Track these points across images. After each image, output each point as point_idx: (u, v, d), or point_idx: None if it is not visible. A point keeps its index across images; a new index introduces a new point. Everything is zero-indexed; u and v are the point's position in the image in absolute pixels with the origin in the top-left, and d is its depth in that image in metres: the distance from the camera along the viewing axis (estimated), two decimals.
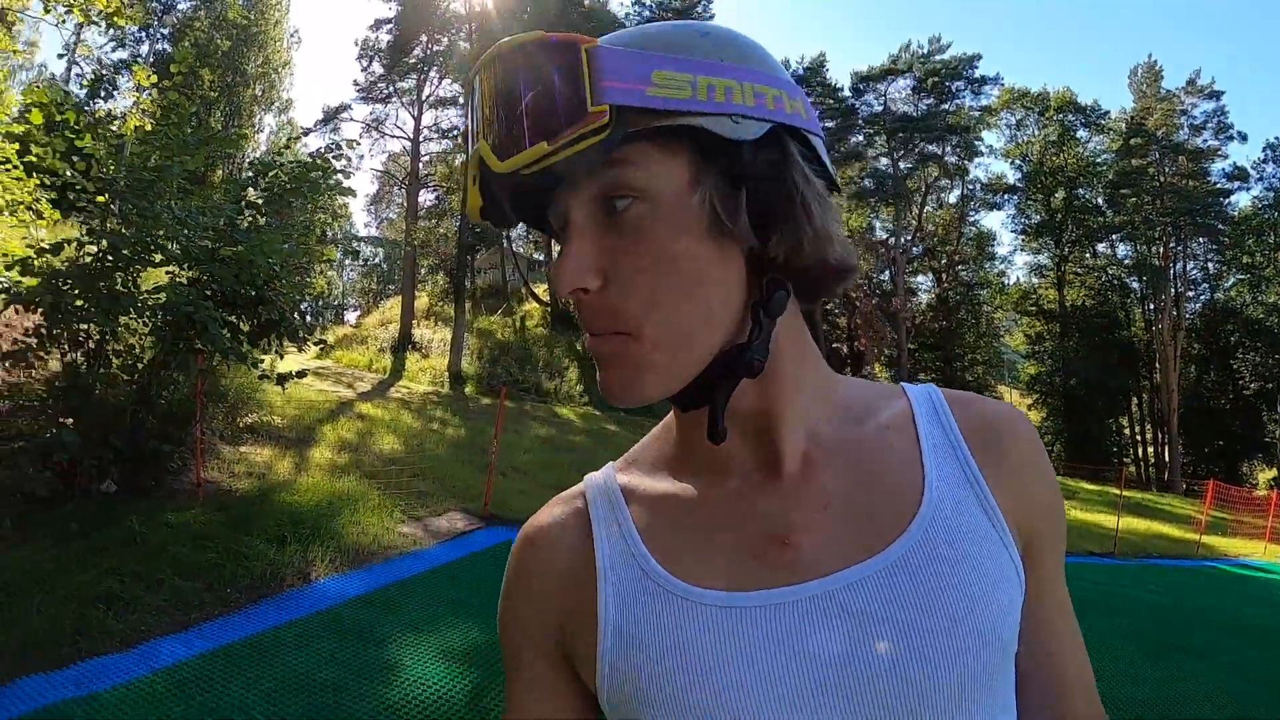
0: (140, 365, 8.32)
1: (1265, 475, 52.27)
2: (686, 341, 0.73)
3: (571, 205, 0.73)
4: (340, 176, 9.98)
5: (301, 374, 9.71)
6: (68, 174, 8.19)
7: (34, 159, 8.95)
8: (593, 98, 0.66)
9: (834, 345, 45.05)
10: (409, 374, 26.33)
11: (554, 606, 0.85)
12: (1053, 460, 32.46)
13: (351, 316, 64.92)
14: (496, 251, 39.60)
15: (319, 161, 9.60)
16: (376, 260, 66.11)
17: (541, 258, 43.16)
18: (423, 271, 37.56)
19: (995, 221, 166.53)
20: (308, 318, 9.20)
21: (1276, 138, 50.45)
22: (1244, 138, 58.21)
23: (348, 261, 66.49)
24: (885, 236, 46.09)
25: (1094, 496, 27.00)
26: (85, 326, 7.87)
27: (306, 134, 28.56)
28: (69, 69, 40.07)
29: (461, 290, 30.11)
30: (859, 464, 0.81)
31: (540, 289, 40.42)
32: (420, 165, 35.42)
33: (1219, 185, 47.28)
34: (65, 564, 5.77)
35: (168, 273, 8.21)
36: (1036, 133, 50.88)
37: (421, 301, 35.88)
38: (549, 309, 37.80)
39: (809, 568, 0.75)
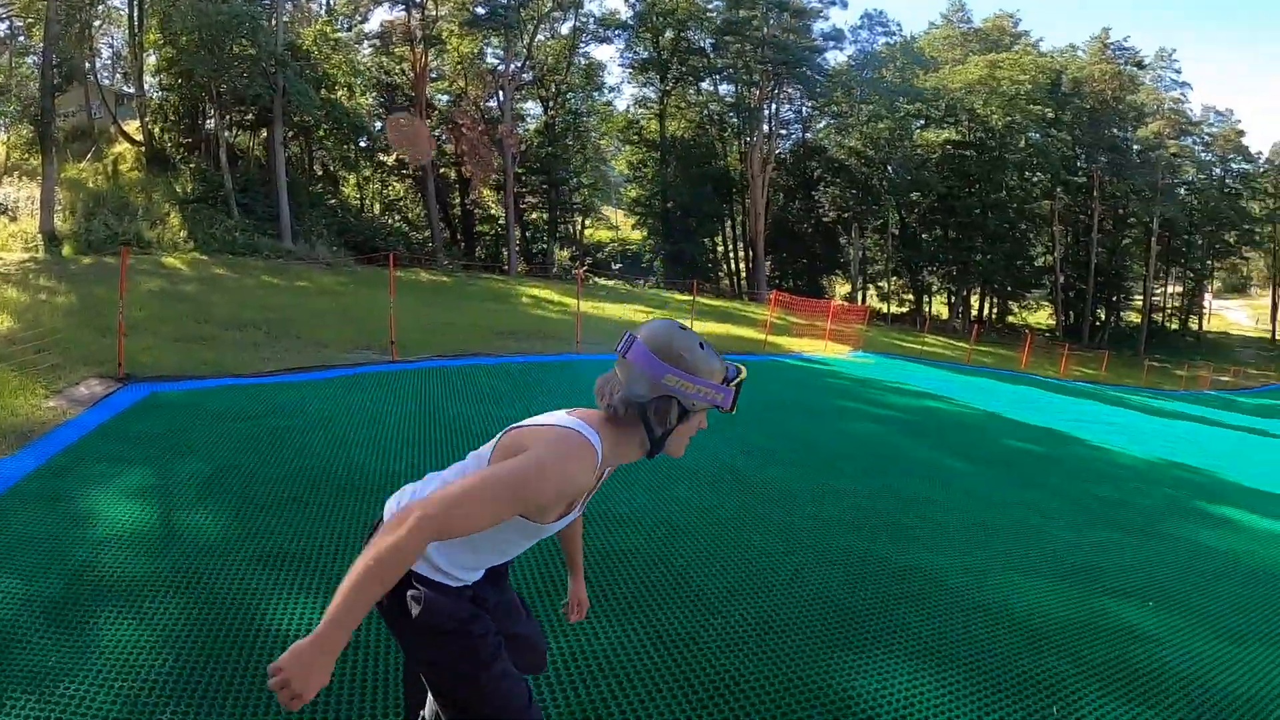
0: None
1: (842, 289, 63.31)
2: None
3: None
4: None
5: None
6: None
7: None
8: None
9: (441, 170, 48.18)
10: None
11: (576, 492, 2.15)
12: (653, 275, 45.17)
13: None
14: (80, 88, 37.67)
15: None
16: None
17: (131, 90, 41.12)
18: None
19: (605, 54, 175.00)
20: None
21: (874, 9, 59.15)
22: (844, 4, 67.85)
23: None
24: (495, 64, 48.43)
25: (684, 305, 32.10)
26: None
27: None
28: None
29: (49, 139, 28.24)
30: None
31: (132, 126, 38.64)
32: None
33: (817, 42, 55.61)
34: None
35: None
36: None
37: None
38: (143, 149, 36.67)
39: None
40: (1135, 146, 64.98)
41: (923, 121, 60.73)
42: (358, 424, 8.56)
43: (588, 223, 62.12)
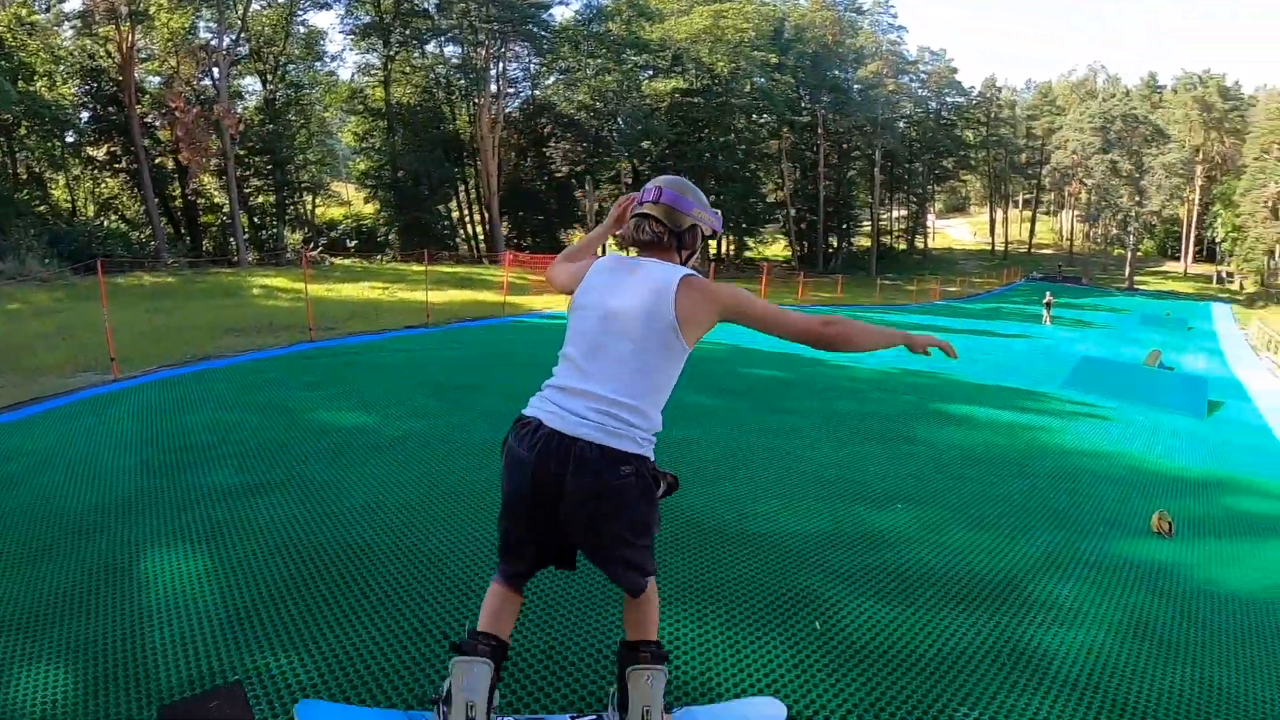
0: None
1: None
2: None
3: None
4: None
5: None
6: None
7: None
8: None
9: (157, 161, 47.25)
10: None
11: None
12: (388, 249, 49.53)
13: None
14: None
15: None
16: None
17: None
18: None
19: (325, 21, 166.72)
20: None
21: None
22: None
23: None
24: (208, 38, 47.08)
25: (419, 276, 31.65)
26: None
27: None
28: None
29: None
30: None
31: None
32: None
33: None
34: None
35: None
36: None
37: None
38: None
39: None
40: (856, 86, 71.99)
41: (650, 72, 64.47)
42: (82, 457, 7.49)
43: (318, 201, 62.04)
